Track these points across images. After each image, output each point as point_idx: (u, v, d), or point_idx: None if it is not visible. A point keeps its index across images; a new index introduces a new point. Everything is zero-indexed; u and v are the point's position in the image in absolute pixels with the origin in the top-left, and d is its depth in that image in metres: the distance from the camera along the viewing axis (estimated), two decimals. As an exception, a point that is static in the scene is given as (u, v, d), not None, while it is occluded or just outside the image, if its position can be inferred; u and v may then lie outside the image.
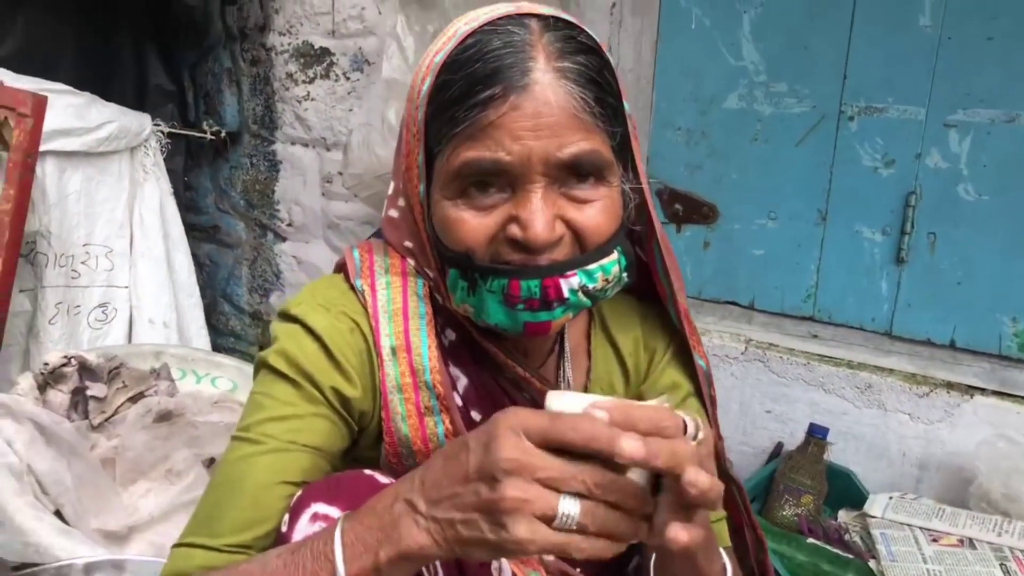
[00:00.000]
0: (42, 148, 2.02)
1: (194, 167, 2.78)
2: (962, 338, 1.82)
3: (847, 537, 1.71)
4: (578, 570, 1.00)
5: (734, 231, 2.01)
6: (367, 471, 0.86)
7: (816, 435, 1.82)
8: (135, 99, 2.54)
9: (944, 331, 1.83)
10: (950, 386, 1.79)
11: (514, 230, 0.82)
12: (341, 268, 0.99)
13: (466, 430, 0.93)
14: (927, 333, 1.85)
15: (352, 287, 0.95)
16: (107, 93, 2.37)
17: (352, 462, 0.93)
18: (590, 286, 0.85)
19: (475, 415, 0.95)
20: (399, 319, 0.92)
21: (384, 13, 2.21)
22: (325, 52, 2.43)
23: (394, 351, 0.91)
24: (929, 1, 1.70)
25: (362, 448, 0.95)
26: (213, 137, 2.63)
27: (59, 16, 2.32)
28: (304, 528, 0.79)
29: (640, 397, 1.06)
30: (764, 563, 1.12)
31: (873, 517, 1.71)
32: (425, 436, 0.92)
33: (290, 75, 2.52)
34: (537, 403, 0.96)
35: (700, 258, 2.06)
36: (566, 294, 0.83)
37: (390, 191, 0.98)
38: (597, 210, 0.84)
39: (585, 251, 0.84)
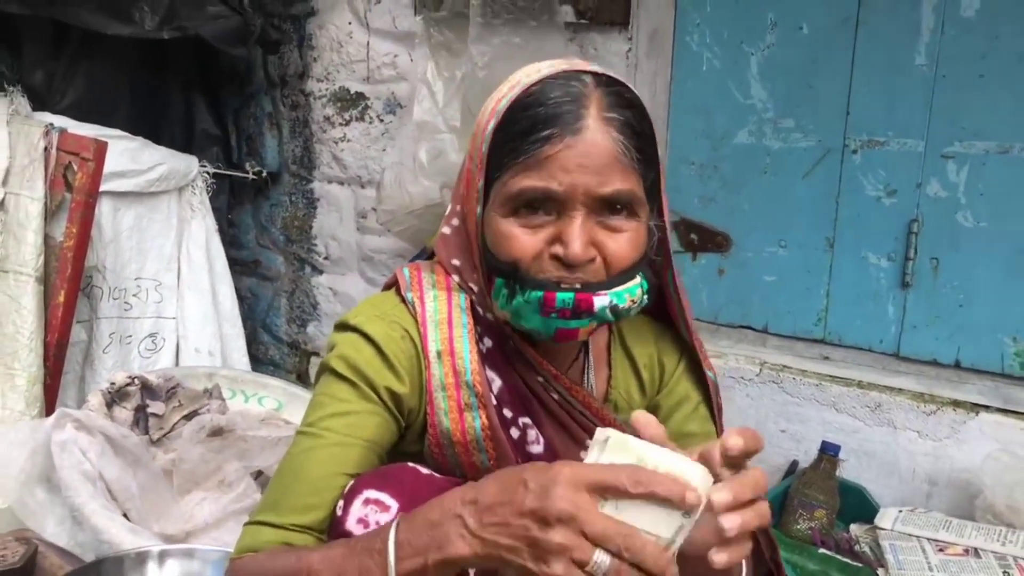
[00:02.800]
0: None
1: (237, 205, 2.94)
2: (966, 358, 1.90)
3: (857, 548, 1.79)
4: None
5: (747, 259, 2.11)
6: (411, 464, 0.99)
7: (828, 452, 1.90)
8: (183, 142, 2.70)
9: (949, 351, 1.92)
10: (956, 404, 1.87)
11: (556, 248, 0.96)
12: (391, 285, 1.13)
13: (499, 425, 1.05)
14: (933, 353, 1.94)
15: (403, 300, 1.08)
16: (158, 137, 2.53)
17: (398, 456, 1.06)
18: (620, 305, 0.98)
19: (507, 412, 1.08)
20: (444, 327, 1.05)
21: (415, 60, 2.36)
22: (360, 96, 2.59)
23: (439, 355, 1.04)
24: (924, 42, 1.82)
25: (407, 443, 1.08)
26: (255, 177, 2.78)
27: (115, 68, 2.49)
28: (357, 511, 0.92)
29: (656, 406, 1.18)
30: (777, 563, 1.22)
31: (883, 529, 1.79)
32: (464, 429, 1.04)
33: (327, 118, 2.68)
34: (565, 400, 1.09)
35: (715, 285, 2.17)
36: (596, 309, 0.97)
37: (447, 212, 1.12)
38: (626, 239, 0.97)
39: (610, 274, 0.97)
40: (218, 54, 2.64)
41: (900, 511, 1.83)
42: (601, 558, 0.73)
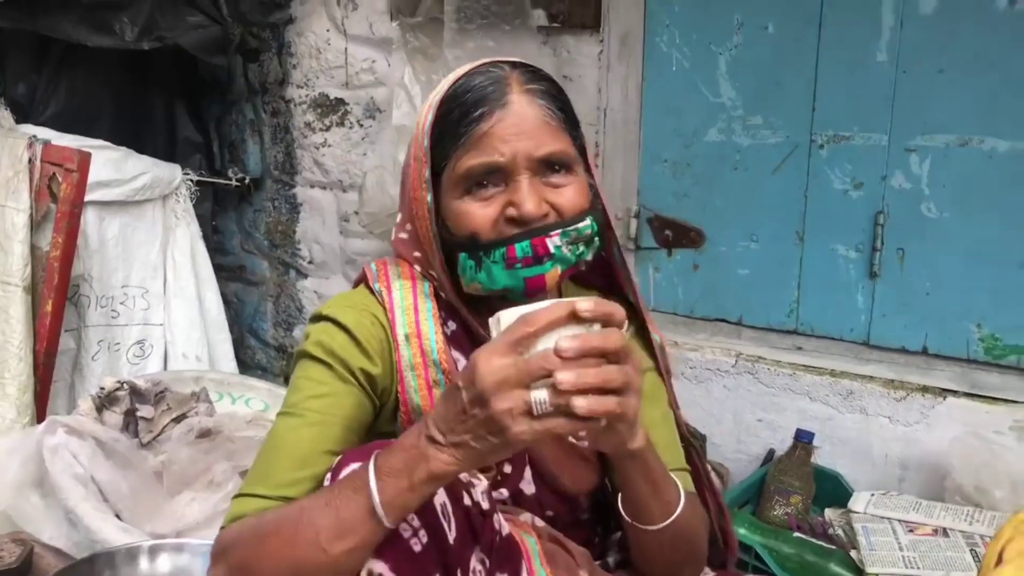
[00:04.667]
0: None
1: (221, 212, 2.98)
2: (933, 345, 1.96)
3: (831, 531, 1.84)
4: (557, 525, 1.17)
5: (720, 253, 2.17)
6: (392, 440, 1.04)
7: (802, 440, 1.95)
8: (166, 151, 2.73)
9: (917, 339, 1.98)
10: (925, 390, 1.93)
11: (511, 211, 1.05)
12: (360, 281, 1.20)
13: None
14: (901, 341, 1.99)
15: (372, 291, 1.16)
16: (141, 147, 2.56)
17: (374, 436, 1.12)
18: (574, 238, 1.07)
19: None
20: (411, 312, 1.13)
21: (393, 65, 2.41)
22: (340, 102, 2.63)
23: (407, 337, 1.12)
24: (885, 39, 1.88)
25: (382, 423, 1.14)
26: (238, 184, 2.82)
27: (97, 79, 2.51)
28: None
29: None
30: (726, 530, 1.28)
31: (856, 512, 1.84)
32: (433, 404, 1.11)
33: (308, 124, 2.72)
34: None
35: (690, 279, 2.22)
36: (552, 249, 1.06)
37: (398, 220, 1.20)
38: (570, 191, 1.08)
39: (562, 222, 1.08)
40: (199, 63, 2.68)
41: (872, 495, 1.89)
42: (537, 395, 0.81)
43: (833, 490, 1.95)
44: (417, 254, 1.17)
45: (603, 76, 2.17)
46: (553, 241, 1.06)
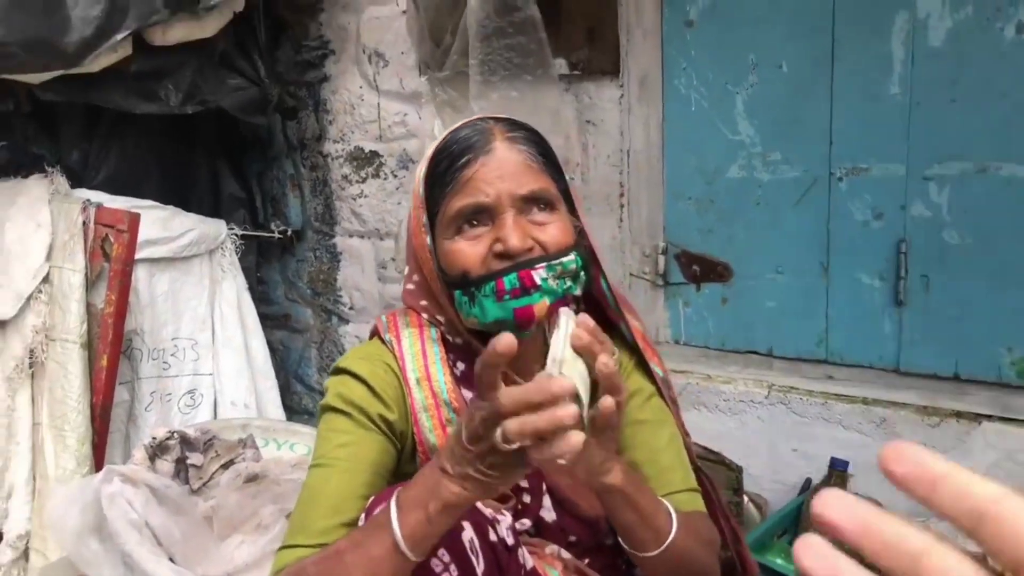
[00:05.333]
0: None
1: (265, 263, 3.09)
2: (965, 370, 1.97)
3: (869, 559, 1.85)
4: (587, 561, 1.21)
5: (748, 286, 2.21)
6: None
7: (837, 468, 1.96)
8: (211, 208, 2.85)
9: (947, 364, 1.99)
10: (959, 415, 1.92)
11: (498, 246, 1.12)
12: (374, 333, 1.29)
13: None
14: (932, 367, 2.01)
15: (383, 341, 1.24)
16: (188, 204, 2.68)
17: (397, 478, 1.17)
18: (560, 271, 1.13)
19: None
20: (420, 358, 1.20)
21: (423, 118, 2.51)
22: (374, 155, 2.73)
23: (418, 381, 1.19)
24: (897, 72, 1.92)
25: (402, 464, 1.20)
26: (280, 236, 2.93)
27: (145, 143, 2.65)
28: None
29: None
30: (742, 554, 1.30)
31: (893, 540, 1.85)
32: (446, 437, 1.17)
33: (345, 176, 2.82)
34: None
35: (719, 313, 2.26)
36: (538, 281, 1.11)
37: (405, 272, 1.28)
38: (553, 228, 1.14)
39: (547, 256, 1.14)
40: (240, 123, 2.79)
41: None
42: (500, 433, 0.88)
43: (871, 518, 1.96)
44: (424, 303, 1.24)
45: (625, 119, 2.24)
46: (539, 273, 1.11)
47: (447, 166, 1.15)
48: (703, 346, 2.31)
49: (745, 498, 2.06)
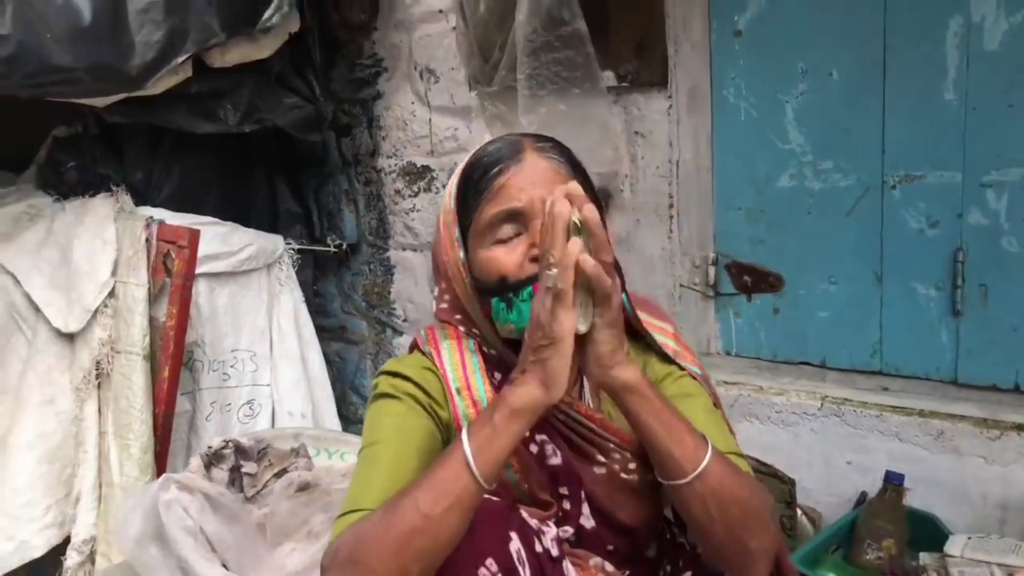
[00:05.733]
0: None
1: (321, 277, 3.15)
2: (1026, 381, 1.92)
3: None
4: (627, 574, 1.21)
5: (799, 297, 2.18)
6: None
7: (892, 481, 1.92)
8: (269, 223, 2.91)
9: (1007, 376, 1.94)
10: (1020, 428, 1.87)
11: (534, 251, 1.15)
12: (413, 347, 1.32)
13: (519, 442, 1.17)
14: (991, 379, 1.96)
15: (423, 353, 1.26)
16: (246, 220, 2.74)
17: None
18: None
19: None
20: (459, 369, 1.23)
21: (473, 132, 2.54)
22: (426, 169, 2.78)
23: (459, 391, 1.22)
24: (951, 78, 1.89)
25: None
26: (336, 250, 2.98)
27: (206, 162, 2.72)
28: None
29: None
30: (781, 561, 1.28)
31: (952, 557, 1.80)
32: None
33: (398, 191, 2.87)
34: (569, 418, 1.21)
35: (771, 324, 2.24)
36: None
37: (435, 294, 1.30)
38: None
39: None
40: (296, 140, 2.86)
41: (969, 538, 1.84)
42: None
43: (930, 533, 1.90)
44: (459, 316, 1.26)
45: (673, 130, 2.23)
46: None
47: (480, 175, 1.19)
48: (755, 357, 2.29)
49: (799, 511, 2.03)
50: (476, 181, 1.19)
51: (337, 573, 1.01)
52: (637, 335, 1.30)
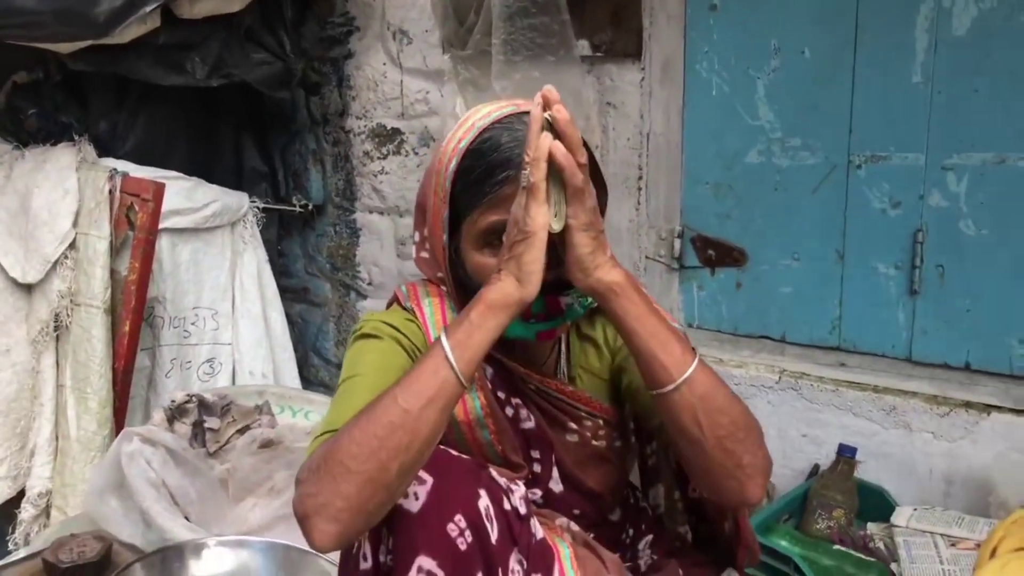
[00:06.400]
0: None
1: (286, 237, 3.12)
2: (976, 360, 1.98)
3: (872, 545, 1.87)
4: (591, 536, 1.24)
5: (763, 272, 2.21)
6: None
7: (845, 454, 1.97)
8: (234, 180, 2.87)
9: (959, 355, 2.00)
10: (968, 405, 1.93)
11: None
12: (392, 302, 1.31)
13: (495, 403, 1.22)
14: (943, 357, 2.01)
15: (404, 308, 1.26)
16: (211, 176, 2.70)
17: None
18: (579, 294, 1.15)
19: (500, 394, 1.24)
20: (440, 327, 1.22)
21: (445, 96, 2.52)
22: (396, 132, 2.76)
23: None
24: (919, 61, 1.92)
25: None
26: (302, 210, 2.96)
27: (171, 115, 2.68)
28: None
29: (619, 368, 1.30)
30: (740, 522, 1.30)
31: (898, 527, 1.86)
32: (466, 410, 1.21)
33: (366, 153, 2.85)
34: (540, 390, 1.24)
35: (734, 297, 2.27)
36: (564, 307, 1.14)
37: (416, 239, 1.28)
38: None
39: None
40: (264, 97, 2.82)
41: (915, 509, 1.90)
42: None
43: (878, 505, 1.97)
44: (440, 275, 1.26)
45: (645, 102, 2.24)
46: (566, 300, 1.14)
47: (483, 176, 1.13)
48: (716, 330, 2.32)
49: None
50: (478, 181, 1.13)
51: (311, 477, 0.96)
52: None
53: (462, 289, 1.21)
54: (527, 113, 1.10)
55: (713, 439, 1.04)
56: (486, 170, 1.12)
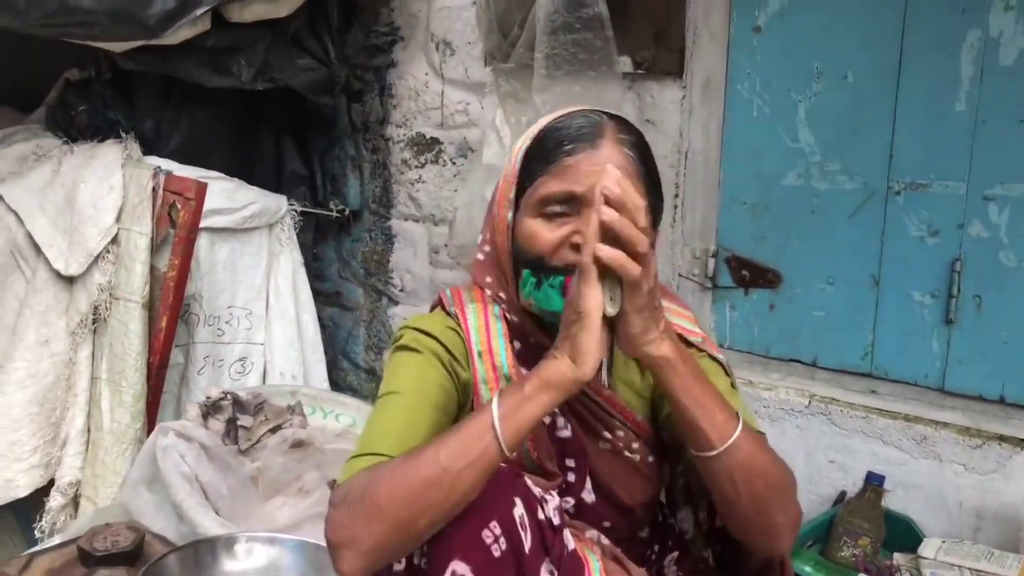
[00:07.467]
0: (199, 225, 2.40)
1: (321, 240, 3.15)
2: (1011, 394, 1.96)
3: (898, 575, 1.85)
4: (620, 549, 1.24)
5: (796, 295, 2.21)
6: None
7: (873, 482, 1.96)
8: (274, 182, 2.92)
9: (994, 387, 1.97)
10: (1002, 439, 1.91)
11: (576, 238, 1.15)
12: (436, 306, 1.33)
13: None
14: (978, 389, 1.99)
15: (448, 314, 1.27)
16: (251, 178, 2.74)
17: None
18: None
19: None
20: (483, 332, 1.24)
21: (485, 108, 2.55)
22: (435, 141, 2.78)
23: (480, 355, 1.23)
24: (964, 90, 1.91)
25: (461, 419, 1.21)
26: (338, 215, 2.99)
27: (215, 116, 2.72)
28: None
29: (661, 396, 1.28)
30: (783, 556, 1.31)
31: (925, 559, 1.84)
32: None
33: (405, 161, 2.88)
34: (582, 393, 1.22)
35: (766, 319, 2.27)
36: None
37: (479, 240, 1.31)
38: None
39: None
40: (306, 102, 2.86)
41: (944, 542, 1.88)
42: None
43: (905, 535, 1.95)
44: (489, 279, 1.28)
45: (685, 120, 2.25)
46: None
47: (552, 146, 1.17)
48: (747, 351, 2.31)
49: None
50: (547, 151, 1.18)
51: (347, 509, 1.02)
52: None
53: (515, 273, 1.23)
54: (601, 111, 1.19)
55: (748, 501, 1.08)
56: (555, 143, 1.17)
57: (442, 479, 0.99)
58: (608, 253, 0.99)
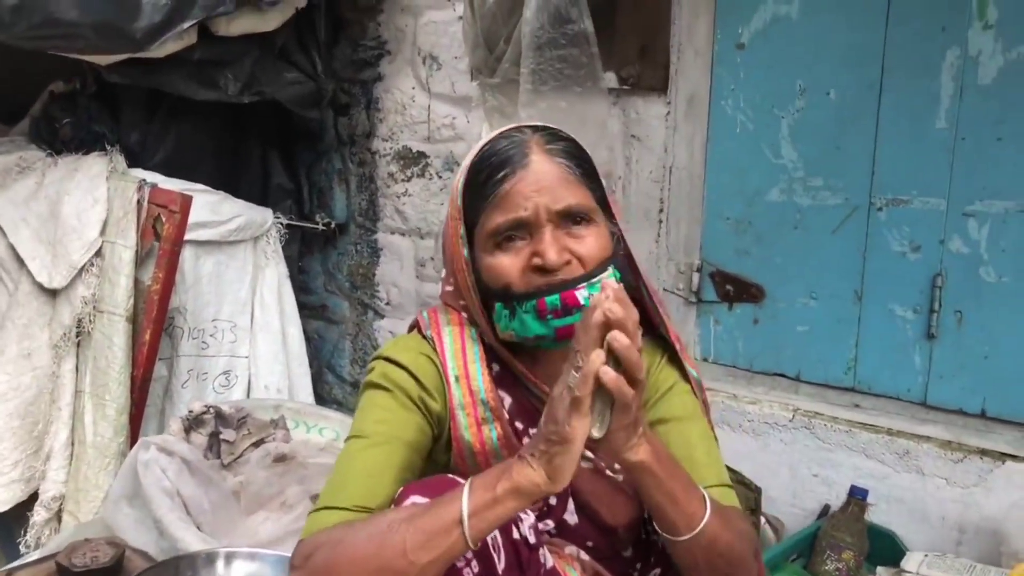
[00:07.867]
0: (183, 238, 2.39)
1: (307, 254, 3.15)
2: (992, 407, 1.97)
3: (881, 589, 1.86)
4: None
5: (780, 309, 2.22)
6: (448, 475, 1.15)
7: (856, 496, 1.97)
8: (260, 196, 2.92)
9: (975, 401, 1.99)
10: (983, 453, 1.93)
11: (536, 260, 1.15)
12: (413, 327, 1.32)
13: (513, 434, 1.22)
14: (959, 403, 2.01)
15: (424, 337, 1.27)
16: (237, 191, 2.74)
17: (431, 464, 1.22)
18: (595, 293, 1.14)
19: (519, 424, 1.24)
20: (459, 356, 1.23)
21: (471, 122, 2.56)
22: (421, 155, 2.79)
23: (457, 379, 1.22)
24: (944, 107, 1.93)
25: (437, 452, 1.24)
26: (324, 228, 2.99)
27: (201, 129, 2.73)
28: None
29: (644, 399, 1.29)
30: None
31: (907, 572, 1.85)
32: (482, 440, 1.21)
33: (391, 175, 2.88)
34: None
35: (750, 334, 2.28)
36: (581, 301, 1.14)
37: (443, 275, 1.31)
38: (591, 241, 1.17)
39: (585, 271, 1.16)
40: (293, 115, 2.86)
41: (926, 555, 1.89)
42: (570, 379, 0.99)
43: (888, 549, 1.96)
44: (463, 302, 1.27)
45: (670, 136, 2.26)
46: (581, 293, 1.14)
47: (485, 179, 1.18)
48: (731, 365, 2.32)
49: (762, 519, 2.07)
50: (481, 185, 1.18)
51: (306, 573, 1.04)
52: (653, 328, 1.32)
53: (487, 310, 1.23)
54: (526, 126, 1.19)
55: (710, 574, 1.13)
56: (488, 173, 1.17)
57: (407, 571, 0.99)
58: (611, 378, 0.98)
